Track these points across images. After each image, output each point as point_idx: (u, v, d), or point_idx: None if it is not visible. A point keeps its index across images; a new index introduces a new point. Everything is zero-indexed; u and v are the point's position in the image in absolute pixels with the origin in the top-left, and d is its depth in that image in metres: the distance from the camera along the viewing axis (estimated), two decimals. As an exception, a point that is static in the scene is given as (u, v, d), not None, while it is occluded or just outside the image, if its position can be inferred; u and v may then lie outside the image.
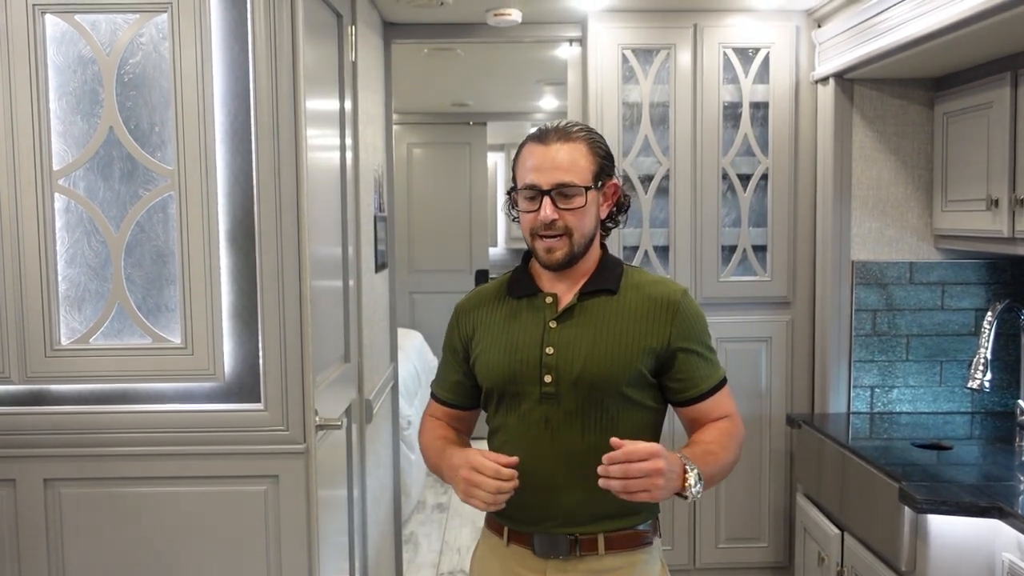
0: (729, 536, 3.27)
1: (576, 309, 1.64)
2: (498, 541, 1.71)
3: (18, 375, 2.05)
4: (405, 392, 4.23)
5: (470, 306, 1.76)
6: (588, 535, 1.62)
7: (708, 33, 3.11)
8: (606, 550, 1.62)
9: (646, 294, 1.66)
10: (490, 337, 1.69)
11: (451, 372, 1.78)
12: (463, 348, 1.74)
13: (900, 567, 2.22)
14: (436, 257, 6.19)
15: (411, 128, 6.15)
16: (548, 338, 1.63)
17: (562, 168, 1.58)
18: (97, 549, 2.07)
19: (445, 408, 1.79)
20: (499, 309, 1.71)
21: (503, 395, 1.67)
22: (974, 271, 2.94)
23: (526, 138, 1.66)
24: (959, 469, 2.41)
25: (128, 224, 2.04)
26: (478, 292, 1.79)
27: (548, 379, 1.61)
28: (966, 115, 2.67)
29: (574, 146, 1.60)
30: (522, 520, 1.64)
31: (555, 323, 1.64)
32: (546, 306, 1.66)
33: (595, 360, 1.60)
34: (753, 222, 3.20)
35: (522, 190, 1.62)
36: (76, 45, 2.01)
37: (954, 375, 2.96)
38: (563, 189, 1.58)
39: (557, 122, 1.65)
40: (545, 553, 1.63)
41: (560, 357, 1.61)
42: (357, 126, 2.73)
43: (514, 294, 1.71)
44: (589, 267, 1.68)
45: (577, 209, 1.59)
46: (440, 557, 4.14)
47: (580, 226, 1.60)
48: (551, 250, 1.61)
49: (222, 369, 2.05)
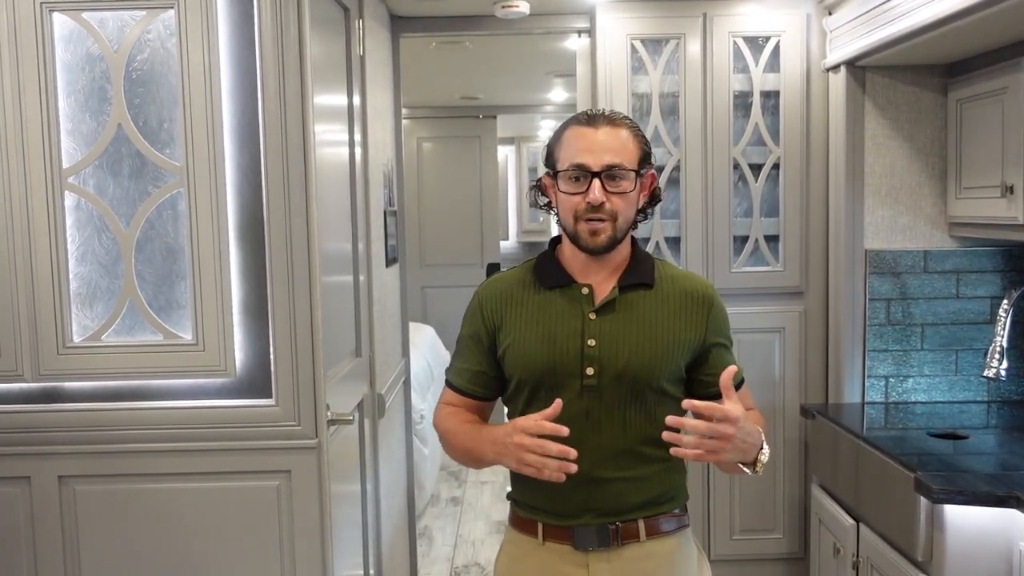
0: (744, 527, 3.26)
1: (617, 302, 1.62)
2: (531, 540, 1.67)
3: (31, 373, 2.06)
4: (417, 386, 4.23)
5: (495, 293, 1.70)
6: (629, 521, 1.62)
7: (718, 22, 3.09)
8: (647, 535, 1.62)
9: (680, 288, 1.66)
10: (522, 327, 1.64)
11: (473, 361, 1.71)
12: (488, 337, 1.69)
13: (916, 557, 2.20)
14: (447, 251, 6.19)
15: (421, 122, 6.15)
16: (589, 330, 1.60)
17: (612, 150, 1.57)
18: (111, 545, 2.08)
19: (464, 398, 1.74)
20: (529, 298, 1.66)
21: (538, 387, 1.63)
22: (989, 259, 2.91)
23: (568, 121, 1.64)
24: (975, 458, 2.39)
25: (138, 221, 2.04)
26: (501, 279, 1.73)
27: (590, 371, 1.59)
28: (980, 101, 2.64)
29: (622, 131, 1.60)
30: (560, 514, 1.62)
31: (595, 315, 1.61)
32: (582, 297, 1.63)
33: (639, 354, 1.59)
34: (765, 212, 3.18)
35: (570, 170, 1.58)
36: (84, 43, 2.01)
37: (970, 364, 2.93)
38: (613, 171, 1.56)
39: (600, 109, 1.66)
40: (586, 545, 1.61)
41: (603, 349, 1.59)
42: (366, 121, 2.73)
43: (545, 283, 1.66)
44: (623, 258, 1.66)
45: (624, 194, 1.57)
46: (454, 550, 4.14)
47: (625, 211, 1.59)
48: (596, 232, 1.57)
49: (233, 365, 2.06)
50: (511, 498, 1.73)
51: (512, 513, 1.73)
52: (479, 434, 1.63)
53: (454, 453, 1.72)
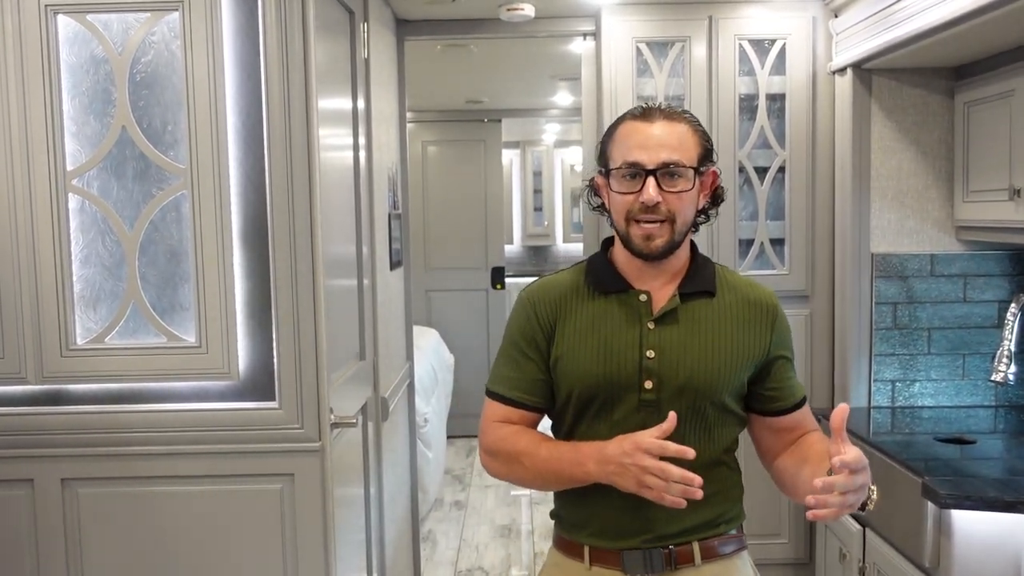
0: (750, 532, 3.18)
1: (679, 311, 1.52)
2: (575, 564, 1.56)
3: (34, 375, 2.05)
4: (421, 390, 4.23)
5: (548, 297, 1.57)
6: (683, 544, 1.52)
7: (723, 25, 3.08)
8: (702, 560, 1.54)
9: (743, 297, 1.56)
10: (576, 336, 1.53)
11: (528, 369, 1.57)
12: (545, 341, 1.55)
13: (924, 563, 2.18)
14: (452, 255, 6.18)
15: (425, 126, 6.15)
16: (647, 340, 1.50)
17: (669, 146, 1.46)
18: (114, 548, 2.08)
19: (519, 411, 1.57)
20: (583, 304, 1.55)
21: (591, 401, 1.52)
22: (997, 262, 2.90)
23: (623, 116, 1.54)
24: (983, 463, 2.38)
25: (142, 223, 2.04)
26: (551, 282, 1.61)
27: (648, 385, 1.49)
28: (987, 104, 2.63)
29: (680, 126, 1.49)
30: (611, 536, 1.52)
31: (653, 324, 1.51)
32: (640, 305, 1.52)
33: (702, 367, 1.49)
34: (771, 215, 3.16)
35: (623, 168, 1.48)
36: (88, 45, 2.01)
37: (977, 368, 2.91)
38: (670, 168, 1.46)
39: (656, 103, 1.57)
40: (637, 570, 1.51)
41: (663, 362, 1.49)
42: (370, 124, 2.72)
43: (600, 289, 1.55)
44: (682, 263, 1.56)
45: (682, 193, 1.47)
46: (458, 554, 4.13)
47: (683, 211, 1.48)
48: (650, 237, 1.47)
49: (236, 368, 2.05)
50: (555, 516, 1.62)
51: (556, 534, 1.62)
52: (573, 452, 1.48)
53: (524, 474, 1.55)
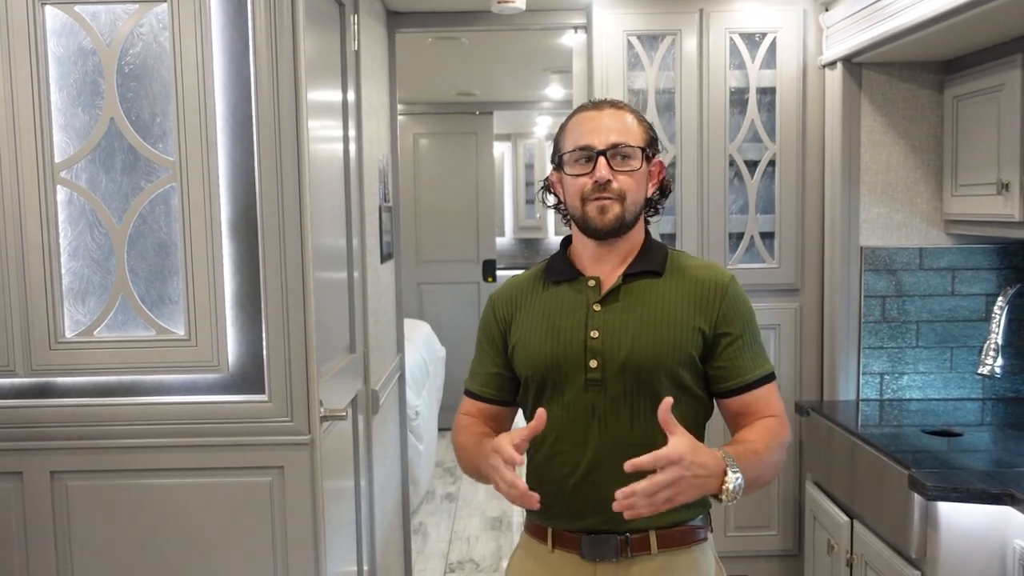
0: (739, 524, 3.26)
1: (621, 291, 1.58)
2: (540, 546, 1.62)
3: (23, 368, 2.05)
4: (412, 383, 4.23)
5: (507, 294, 1.70)
6: (639, 533, 1.54)
7: (714, 18, 3.08)
8: (659, 548, 1.55)
9: (693, 276, 1.61)
10: (529, 323, 1.62)
11: (488, 364, 1.69)
12: (501, 337, 1.67)
13: (910, 554, 2.20)
14: (443, 247, 6.18)
15: (416, 118, 6.14)
16: (592, 321, 1.56)
17: (617, 130, 1.57)
18: (104, 541, 2.07)
19: (480, 404, 1.70)
20: (538, 295, 1.65)
21: (544, 384, 1.59)
22: (985, 256, 2.91)
23: (574, 111, 1.65)
24: (970, 456, 2.39)
25: (131, 216, 2.03)
26: (514, 280, 1.72)
27: (593, 364, 1.54)
28: (976, 98, 2.64)
29: (626, 113, 1.61)
30: (568, 518, 1.57)
31: (599, 306, 1.58)
32: (588, 289, 1.60)
33: (643, 342, 1.53)
34: (761, 209, 3.17)
35: (575, 152, 1.57)
36: (76, 36, 2.00)
37: (965, 361, 2.93)
38: (619, 149, 1.56)
39: (604, 98, 1.69)
40: (594, 556, 1.55)
41: (605, 340, 1.54)
42: (360, 116, 2.72)
43: (553, 279, 1.65)
44: (633, 247, 1.63)
45: (632, 172, 1.56)
46: (449, 547, 4.14)
47: (633, 191, 1.57)
48: (604, 210, 1.55)
49: (226, 360, 2.05)
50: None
51: (526, 518, 1.68)
52: (480, 449, 1.56)
53: (467, 470, 1.65)
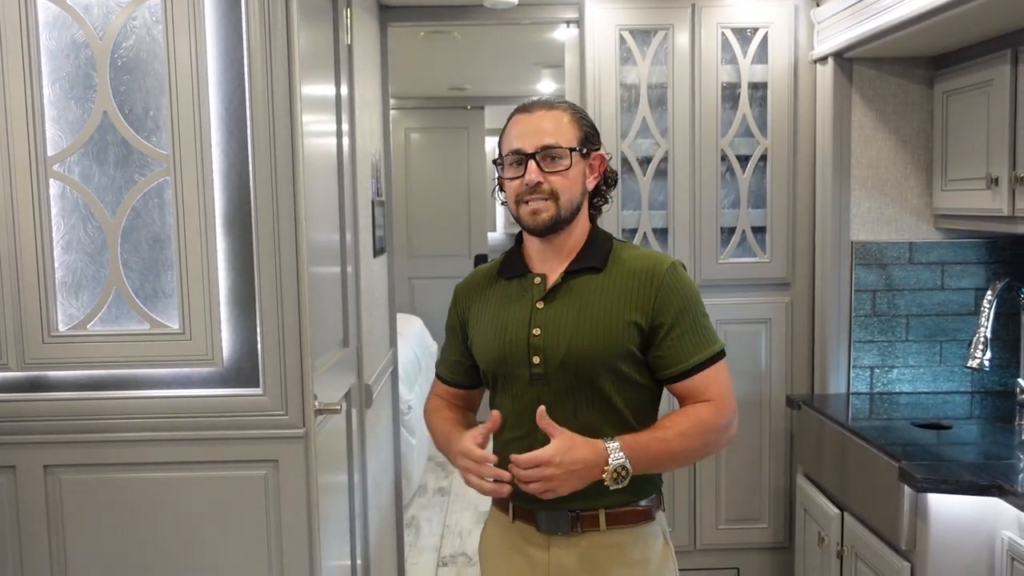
0: (730, 517, 3.28)
1: (561, 288, 1.65)
2: (504, 517, 1.74)
3: (16, 362, 2.04)
4: (405, 377, 4.23)
5: (467, 287, 1.80)
6: (590, 511, 1.64)
7: (706, 13, 3.09)
8: (607, 525, 1.64)
9: (630, 268, 1.64)
10: (483, 319, 1.72)
11: (452, 351, 1.83)
12: (461, 327, 1.79)
13: (900, 546, 2.22)
14: (435, 242, 6.19)
15: (408, 113, 6.13)
16: (535, 319, 1.64)
17: (546, 132, 1.60)
18: (97, 534, 2.07)
19: (447, 387, 1.85)
20: (492, 290, 1.74)
21: (496, 377, 1.70)
22: (974, 250, 2.93)
23: (511, 114, 1.69)
24: (959, 448, 2.41)
25: (124, 209, 2.03)
26: (475, 273, 1.82)
27: (536, 360, 1.63)
28: (966, 93, 2.66)
29: (558, 113, 1.63)
30: (526, 497, 1.63)
31: (542, 303, 1.65)
32: (534, 286, 1.68)
33: (579, 339, 1.60)
34: (752, 203, 3.19)
35: (507, 156, 1.63)
36: (69, 29, 1.99)
37: (954, 355, 2.96)
38: (548, 151, 1.59)
39: (541, 97, 1.71)
40: (548, 529, 1.66)
41: (546, 338, 1.62)
42: (354, 110, 2.71)
43: (505, 275, 1.73)
44: (576, 243, 1.68)
45: (563, 171, 1.60)
46: (442, 540, 4.15)
47: (566, 189, 1.61)
48: (536, 212, 1.61)
49: (220, 354, 2.05)
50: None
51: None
52: (449, 438, 1.71)
53: (440, 450, 1.79)
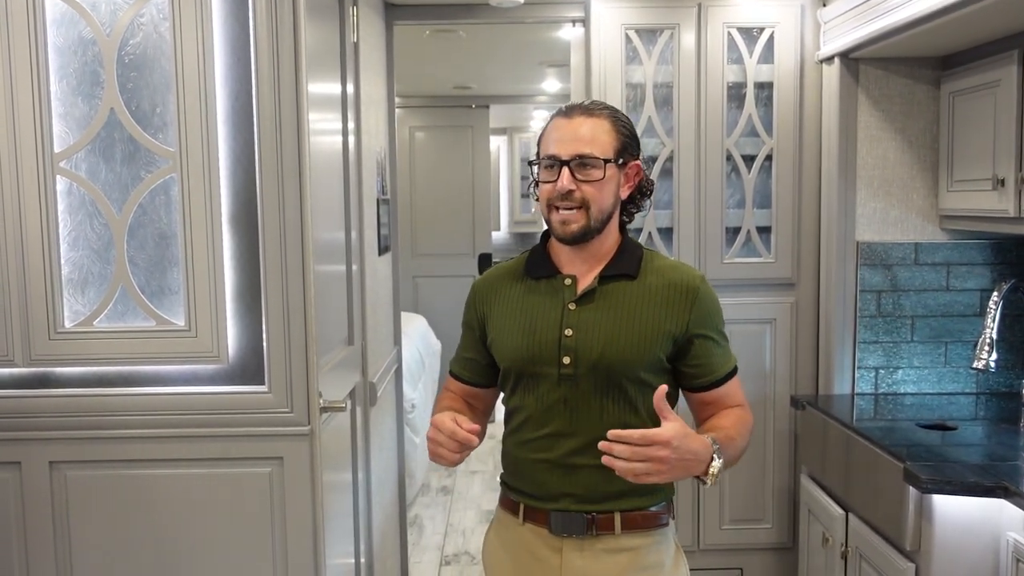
0: (733, 517, 3.27)
1: (596, 292, 1.65)
2: (512, 519, 1.72)
3: (22, 358, 2.05)
4: (409, 376, 4.23)
5: (487, 285, 1.77)
6: (605, 514, 1.63)
7: (712, 13, 3.09)
8: (622, 529, 1.64)
9: (666, 279, 1.66)
10: (507, 317, 1.70)
11: (467, 349, 1.81)
12: (479, 327, 1.76)
13: (905, 547, 2.22)
14: (439, 241, 6.19)
15: (413, 111, 6.13)
16: (567, 320, 1.63)
17: (583, 140, 1.60)
18: (102, 531, 2.08)
19: (460, 384, 1.82)
20: (516, 289, 1.72)
21: (521, 376, 1.68)
22: (980, 251, 2.93)
23: (551, 116, 1.68)
24: (964, 449, 2.41)
25: (130, 206, 2.03)
26: (495, 270, 1.80)
27: (567, 361, 1.62)
28: (973, 94, 2.65)
29: (597, 121, 1.63)
30: (539, 497, 1.66)
31: (574, 305, 1.64)
32: (564, 287, 1.67)
33: (614, 344, 1.61)
34: (757, 203, 3.18)
35: (542, 160, 1.64)
36: (76, 26, 2.00)
37: (959, 356, 2.95)
38: (583, 160, 1.59)
39: (584, 101, 1.69)
40: (561, 531, 1.65)
41: (579, 339, 1.62)
42: (359, 108, 2.72)
43: (532, 274, 1.71)
44: (608, 249, 1.68)
45: (595, 181, 1.60)
46: (445, 539, 4.15)
47: (598, 199, 1.61)
48: (566, 223, 1.61)
49: (226, 351, 2.05)
50: (501, 480, 1.79)
51: (501, 494, 1.79)
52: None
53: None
